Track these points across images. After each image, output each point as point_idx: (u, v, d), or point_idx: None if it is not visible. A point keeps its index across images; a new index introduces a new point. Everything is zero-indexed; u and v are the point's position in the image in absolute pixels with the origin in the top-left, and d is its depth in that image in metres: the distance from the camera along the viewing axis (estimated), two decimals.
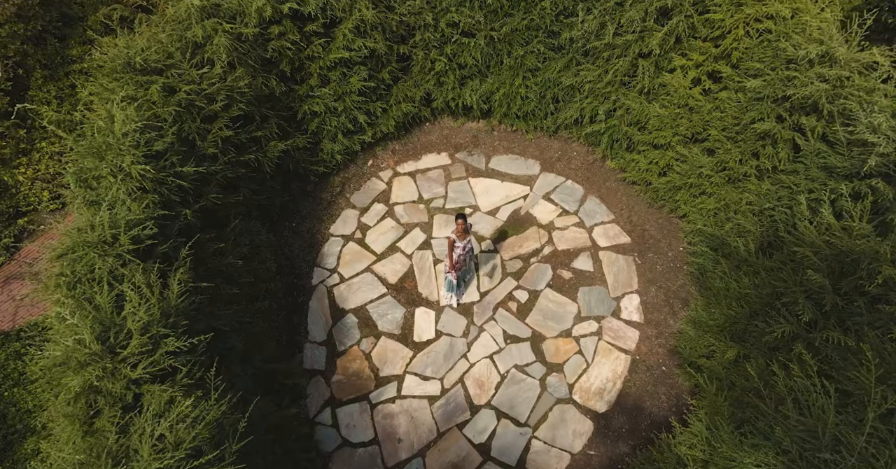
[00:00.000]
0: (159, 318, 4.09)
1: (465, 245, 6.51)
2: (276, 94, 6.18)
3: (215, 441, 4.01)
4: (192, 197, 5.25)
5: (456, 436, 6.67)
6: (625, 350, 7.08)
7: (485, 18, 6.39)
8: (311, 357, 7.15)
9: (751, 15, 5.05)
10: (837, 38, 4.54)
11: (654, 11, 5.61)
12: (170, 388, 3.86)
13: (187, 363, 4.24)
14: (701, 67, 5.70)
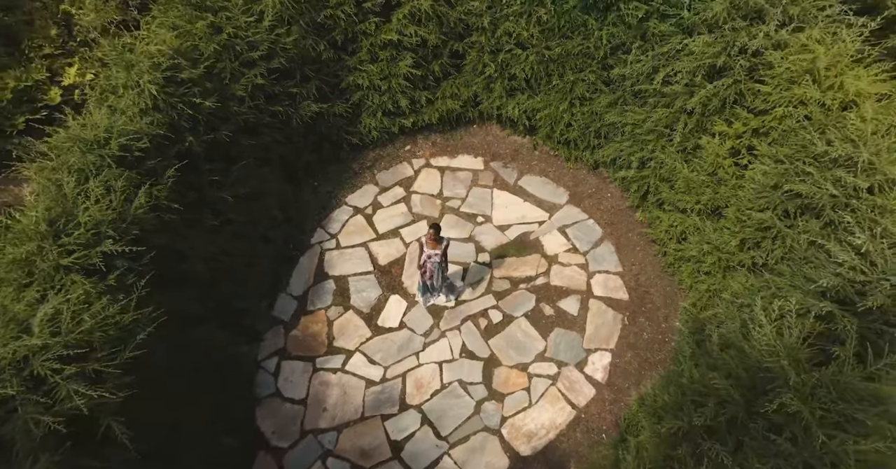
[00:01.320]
0: (111, 221, 4.49)
1: (430, 253, 6.47)
2: (323, 59, 6.47)
3: (115, 343, 4.36)
4: (204, 128, 5.67)
5: (376, 425, 6.69)
6: (573, 404, 6.69)
7: (540, 34, 6.21)
8: (282, 306, 7.46)
9: (797, 96, 4.48)
10: (873, 142, 3.91)
11: (705, 67, 5.16)
12: (89, 283, 4.25)
13: (125, 269, 4.64)
14: (741, 139, 5.17)
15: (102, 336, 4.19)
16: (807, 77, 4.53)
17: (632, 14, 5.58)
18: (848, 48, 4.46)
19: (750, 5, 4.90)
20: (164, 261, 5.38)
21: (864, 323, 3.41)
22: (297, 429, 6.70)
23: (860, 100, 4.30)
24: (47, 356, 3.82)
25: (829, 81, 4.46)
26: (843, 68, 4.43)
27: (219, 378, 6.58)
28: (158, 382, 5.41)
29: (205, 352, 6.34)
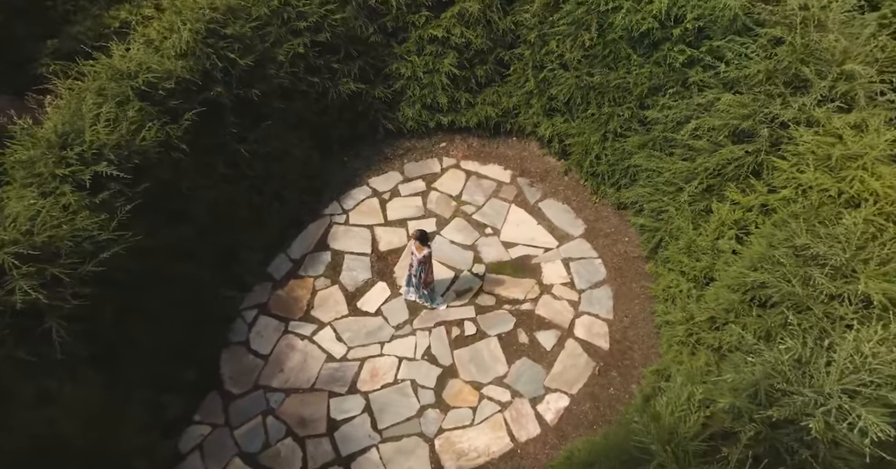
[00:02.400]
0: (114, 145, 4.89)
1: (417, 255, 6.46)
2: (370, 42, 6.61)
3: (84, 255, 4.77)
4: (236, 83, 6.00)
5: (322, 399, 6.84)
6: (513, 437, 6.48)
7: (584, 58, 5.96)
8: (277, 265, 7.77)
9: (809, 181, 3.98)
10: (863, 247, 3.40)
11: (730, 127, 4.72)
12: (76, 196, 4.66)
13: (115, 191, 5.04)
14: (750, 212, 4.71)
15: (72, 246, 4.59)
16: (827, 162, 4.04)
17: (675, 57, 5.23)
18: (881, 141, 3.91)
19: (793, 72, 4.42)
20: (164, 195, 5.79)
21: (775, 434, 3.04)
22: (252, 381, 6.99)
23: (871, 199, 3.77)
24: (14, 250, 4.23)
25: (847, 173, 3.94)
26: (869, 161, 3.90)
27: (199, 313, 6.98)
28: (131, 302, 5.88)
29: (191, 287, 6.76)
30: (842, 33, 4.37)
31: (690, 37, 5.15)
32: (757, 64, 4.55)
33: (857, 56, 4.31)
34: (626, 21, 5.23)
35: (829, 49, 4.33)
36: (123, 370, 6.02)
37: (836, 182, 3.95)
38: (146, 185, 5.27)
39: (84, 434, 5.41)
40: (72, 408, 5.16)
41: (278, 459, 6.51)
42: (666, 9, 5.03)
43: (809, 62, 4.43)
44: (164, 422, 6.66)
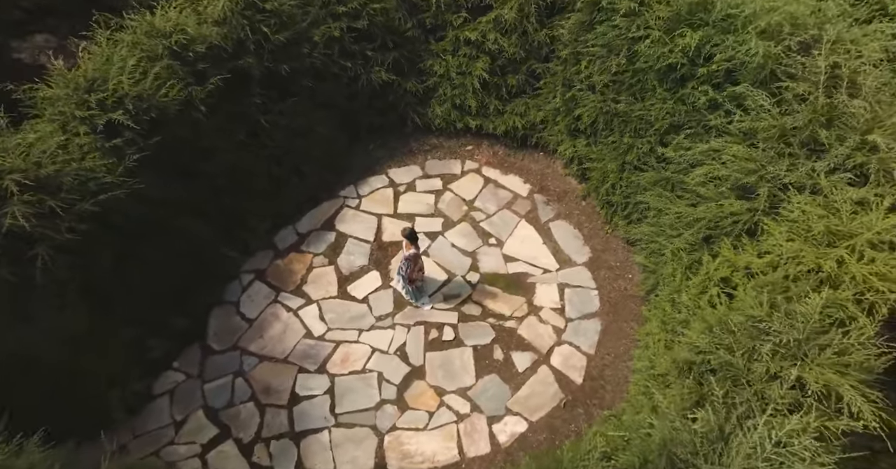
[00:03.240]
0: (134, 97, 5.22)
1: (405, 252, 6.48)
2: (407, 35, 6.68)
3: (85, 194, 5.14)
4: (268, 56, 6.24)
5: (291, 372, 7.05)
6: (462, 450, 6.44)
7: (612, 84, 5.74)
8: (283, 236, 8.04)
9: (793, 250, 3.65)
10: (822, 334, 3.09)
11: (735, 179, 4.42)
12: (88, 137, 5.02)
13: (128, 140, 5.39)
14: (738, 272, 4.41)
15: (75, 183, 4.96)
16: (816, 235, 3.71)
17: (698, 97, 4.95)
18: (882, 223, 3.54)
19: (809, 133, 4.08)
20: (179, 152, 6.12)
21: None
22: (233, 341, 7.30)
23: (850, 283, 3.43)
24: (18, 177, 4.62)
25: (834, 251, 3.60)
26: (862, 243, 3.54)
27: (199, 268, 7.34)
28: (132, 246, 6.27)
29: (195, 242, 7.12)
30: (873, 99, 3.99)
31: (718, 78, 4.87)
32: (772, 119, 4.25)
33: (885, 127, 3.93)
34: (652, 52, 5.01)
35: (855, 115, 3.98)
36: (115, 308, 6.43)
37: (817, 257, 3.63)
38: (158, 139, 5.58)
39: (62, 358, 5.82)
40: (53, 332, 5.57)
41: (237, 420, 6.78)
42: (696, 45, 4.78)
43: (832, 126, 4.09)
44: (146, 362, 7.05)
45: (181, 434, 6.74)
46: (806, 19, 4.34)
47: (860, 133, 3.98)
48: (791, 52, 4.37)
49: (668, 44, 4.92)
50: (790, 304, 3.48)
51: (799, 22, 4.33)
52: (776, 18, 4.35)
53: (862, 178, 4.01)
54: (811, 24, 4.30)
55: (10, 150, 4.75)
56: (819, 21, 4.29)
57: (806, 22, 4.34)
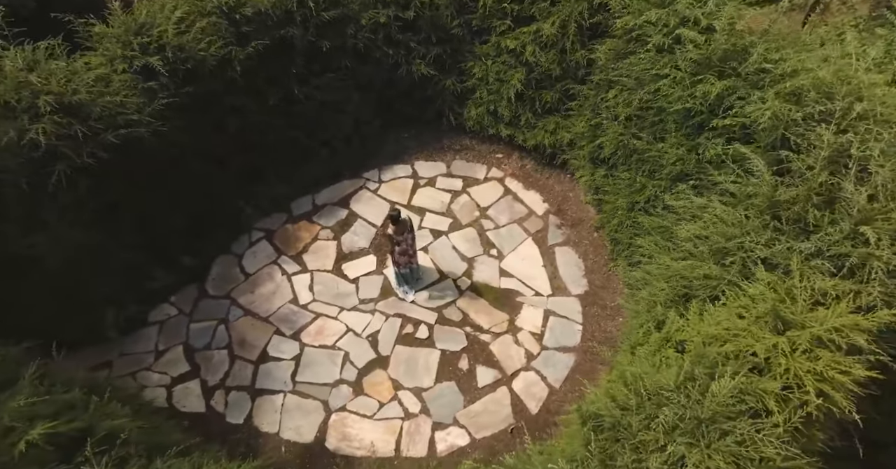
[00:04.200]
0: (174, 46, 5.65)
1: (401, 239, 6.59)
2: (452, 33, 6.74)
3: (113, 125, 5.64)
4: (313, 30, 6.52)
5: (268, 332, 7.40)
6: (398, 447, 6.54)
7: (635, 117, 5.51)
8: (300, 203, 8.39)
9: (728, 327, 3.36)
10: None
11: (715, 241, 4.14)
12: (127, 76, 5.50)
13: (161, 85, 5.85)
14: (693, 338, 4.15)
15: (104, 114, 5.45)
16: (765, 319, 3.42)
17: (709, 149, 4.66)
18: (834, 320, 3.19)
19: (799, 211, 3.75)
20: (208, 105, 6.55)
21: None
22: (227, 290, 7.76)
23: (781, 375, 3.13)
24: (54, 98, 5.15)
25: (774, 339, 3.30)
26: (808, 339, 3.22)
27: (215, 215, 7.85)
28: (150, 181, 6.78)
29: (215, 190, 7.61)
30: (883, 189, 3.61)
31: (733, 134, 4.57)
32: (766, 187, 3.94)
33: (883, 221, 3.55)
34: (671, 92, 4.77)
35: (852, 202, 3.62)
36: (126, 233, 6.98)
37: (756, 341, 3.36)
38: (191, 89, 5.99)
39: (68, 268, 6.42)
40: (60, 241, 6.14)
41: (208, 363, 7.22)
42: (718, 94, 4.51)
43: (830, 207, 3.75)
44: (146, 291, 7.63)
45: (159, 363, 7.27)
46: (836, 87, 3.98)
47: (854, 222, 3.63)
48: (812, 120, 4.03)
49: (689, 88, 4.68)
50: (710, 381, 3.26)
51: (825, 89, 3.99)
52: (802, 81, 4.03)
53: (842, 270, 3.65)
54: (841, 94, 3.94)
55: (54, 73, 5.29)
56: (850, 90, 3.91)
57: (835, 90, 3.98)
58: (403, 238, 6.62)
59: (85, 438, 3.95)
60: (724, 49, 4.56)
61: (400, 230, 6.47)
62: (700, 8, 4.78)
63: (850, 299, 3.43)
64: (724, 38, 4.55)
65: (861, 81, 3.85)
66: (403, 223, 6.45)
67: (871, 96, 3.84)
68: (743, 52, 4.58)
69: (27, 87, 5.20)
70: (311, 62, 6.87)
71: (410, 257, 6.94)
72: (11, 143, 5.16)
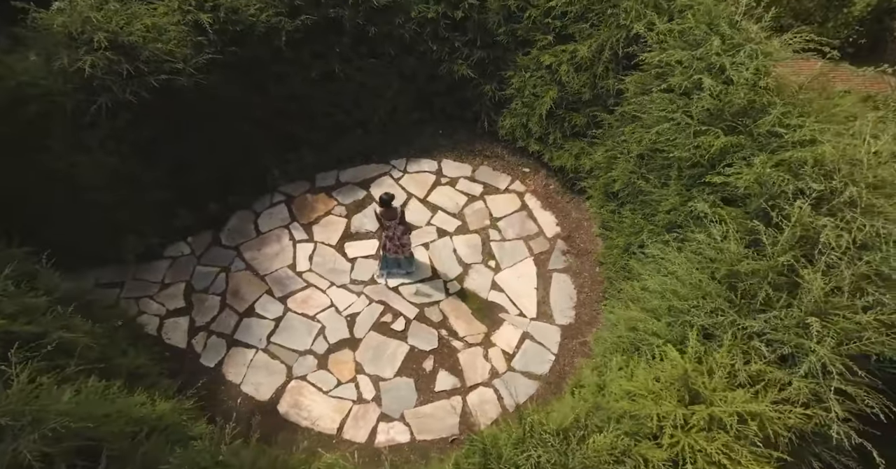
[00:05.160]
0: (228, 7, 6.06)
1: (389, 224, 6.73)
2: (497, 40, 6.76)
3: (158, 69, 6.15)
4: (362, 13, 6.77)
5: (261, 289, 7.79)
6: (342, 428, 6.72)
7: (647, 156, 5.29)
8: (324, 177, 8.75)
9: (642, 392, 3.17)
10: None
11: (665, 301, 3.92)
12: (179, 30, 5.98)
13: (208, 42, 6.29)
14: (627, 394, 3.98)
15: (152, 59, 5.96)
16: (675, 388, 3.22)
17: (700, 203, 4.39)
18: (739, 401, 2.93)
19: (754, 286, 3.48)
20: (252, 68, 6.97)
21: None
22: (236, 242, 8.25)
23: (669, 446, 2.94)
24: (108, 36, 5.70)
25: (675, 410, 3.10)
26: (700, 421, 3.00)
27: (244, 173, 8.34)
28: (189, 127, 7.31)
29: (248, 148, 8.08)
30: (851, 284, 3.29)
31: (727, 193, 4.30)
32: (725, 253, 3.69)
33: (834, 316, 3.25)
34: (672, 137, 4.55)
35: (809, 290, 3.33)
36: (161, 172, 7.56)
37: (654, 406, 3.19)
38: (236, 50, 6.41)
39: (96, 188, 7.07)
40: (97, 165, 6.77)
41: (201, 305, 7.72)
42: (720, 148, 4.26)
43: (790, 289, 3.47)
44: (168, 227, 8.24)
45: (160, 294, 7.86)
46: (838, 165, 3.66)
47: (806, 311, 3.35)
48: (801, 195, 3.73)
49: (692, 137, 4.45)
50: (594, 433, 3.15)
51: (826, 166, 3.67)
52: (799, 154, 3.74)
53: (781, 358, 3.39)
54: (838, 174, 3.63)
55: (116, 14, 5.83)
56: (848, 172, 3.59)
57: (836, 169, 3.66)
58: (390, 224, 6.76)
59: (39, 343, 4.41)
60: (743, 105, 4.31)
61: (388, 215, 6.62)
62: (731, 56, 4.53)
63: (775, 388, 3.19)
64: (744, 92, 4.29)
65: (866, 164, 3.53)
66: (393, 210, 6.60)
67: (866, 181, 3.51)
68: (761, 111, 4.30)
69: (90, 23, 5.76)
70: (357, 44, 7.12)
71: (398, 248, 7.08)
72: (64, 69, 5.76)
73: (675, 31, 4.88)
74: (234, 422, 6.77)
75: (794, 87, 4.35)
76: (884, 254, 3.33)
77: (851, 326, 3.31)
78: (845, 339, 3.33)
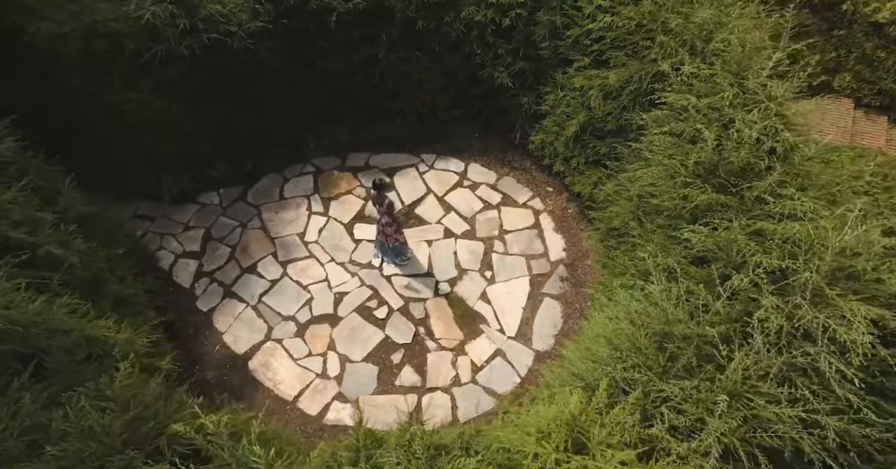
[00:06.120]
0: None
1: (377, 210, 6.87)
2: (541, 54, 6.69)
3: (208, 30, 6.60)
4: (415, 6, 6.92)
5: (267, 250, 8.22)
6: (298, 397, 7.01)
7: (644, 198, 5.08)
8: (354, 157, 9.04)
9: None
10: None
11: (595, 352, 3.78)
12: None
13: (264, 10, 6.66)
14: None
15: (209, 17, 6.43)
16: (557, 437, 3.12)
17: (671, 257, 4.17)
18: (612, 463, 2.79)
19: (680, 350, 3.27)
20: (301, 41, 7.31)
21: None
22: (260, 202, 8.74)
23: None
24: None
25: (551, 455, 3.00)
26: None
27: (283, 139, 8.79)
28: (238, 86, 7.77)
29: (292, 116, 8.50)
30: (757, 370, 3.03)
31: (700, 251, 4.06)
32: (659, 313, 3.50)
33: (746, 397, 3.02)
34: (659, 180, 4.33)
35: (731, 368, 3.11)
36: (206, 123, 8.08)
37: (534, 447, 3.12)
38: (286, 22, 6.75)
39: (143, 127, 7.69)
40: (147, 105, 7.35)
41: (213, 253, 8.26)
42: (697, 205, 4.03)
43: (711, 363, 3.26)
44: (204, 175, 8.82)
45: (182, 235, 8.47)
46: (807, 245, 3.38)
47: (725, 391, 3.14)
48: (757, 268, 3.48)
49: (677, 187, 4.24)
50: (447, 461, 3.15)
51: (792, 246, 3.40)
52: (772, 227, 3.48)
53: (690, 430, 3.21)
54: (803, 256, 3.35)
55: None
56: (810, 258, 3.31)
57: (804, 248, 3.38)
58: (379, 210, 6.91)
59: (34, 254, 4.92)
60: (737, 163, 4.07)
61: (378, 200, 6.78)
62: (746, 111, 4.27)
63: (668, 458, 3.04)
64: (744, 152, 4.04)
65: (830, 252, 3.24)
66: (382, 197, 6.75)
67: (828, 270, 3.22)
68: (758, 174, 4.04)
69: None
70: (405, 36, 7.29)
71: (387, 236, 7.23)
72: (130, 14, 6.31)
73: (701, 76, 4.66)
74: (206, 366, 7.33)
75: (803, 152, 4.03)
76: (818, 349, 3.07)
77: (766, 415, 3.09)
78: (757, 428, 3.11)
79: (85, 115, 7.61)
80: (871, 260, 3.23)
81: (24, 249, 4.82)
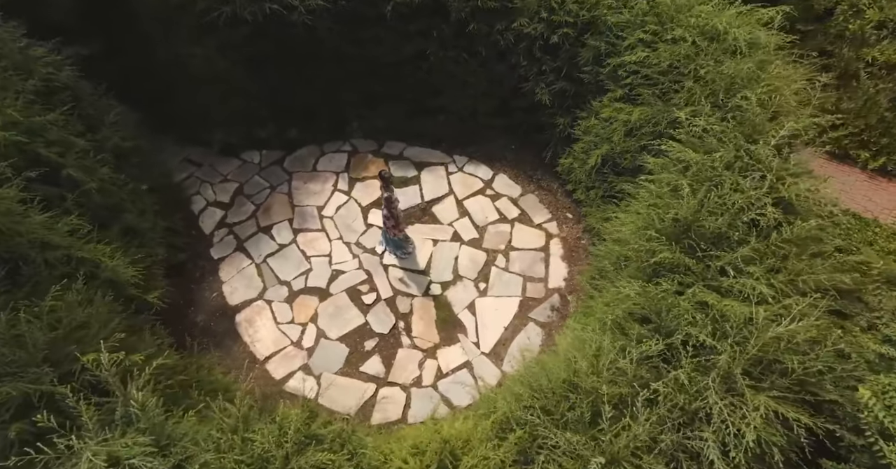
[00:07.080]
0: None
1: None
2: (582, 77, 6.54)
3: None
4: (470, 10, 6.98)
5: (286, 215, 8.62)
6: (267, 358, 7.30)
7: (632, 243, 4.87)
8: (391, 145, 9.25)
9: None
10: None
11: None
12: None
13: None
14: None
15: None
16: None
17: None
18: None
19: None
20: (355, 24, 7.55)
21: None
22: (293, 169, 9.17)
23: None
24: None
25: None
26: None
27: (331, 116, 9.17)
28: (295, 58, 8.17)
29: (339, 97, 8.83)
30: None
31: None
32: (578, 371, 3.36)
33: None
34: (631, 229, 4.13)
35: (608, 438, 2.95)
36: (262, 87, 8.57)
37: (402, 463, 3.13)
38: (344, 3, 7.02)
39: (203, 81, 8.27)
40: (210, 60, 7.91)
41: (240, 208, 8.85)
42: (659, 261, 3.81)
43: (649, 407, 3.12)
44: (253, 135, 9.35)
45: (218, 186, 9.07)
46: (738, 328, 3.13)
47: (600, 451, 3.00)
48: (686, 343, 3.28)
49: (642, 240, 4.04)
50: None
51: (728, 322, 3.15)
52: (712, 300, 3.25)
53: None
54: (732, 338, 3.10)
55: None
56: (738, 341, 3.05)
57: (735, 330, 3.13)
58: (384, 198, 7.04)
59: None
60: (710, 229, 3.82)
61: (384, 188, 6.90)
62: (742, 177, 3.99)
63: None
64: (721, 220, 3.79)
65: (753, 341, 2.98)
66: (387, 188, 6.85)
67: (746, 358, 2.97)
68: (730, 246, 3.78)
69: None
70: (456, 36, 7.36)
71: (388, 228, 7.36)
72: None
73: (712, 131, 4.41)
74: (199, 310, 7.80)
75: (785, 232, 3.72)
76: (706, 435, 2.86)
77: None
78: None
79: (158, 63, 8.30)
80: (802, 360, 2.97)
81: (51, 168, 5.37)
